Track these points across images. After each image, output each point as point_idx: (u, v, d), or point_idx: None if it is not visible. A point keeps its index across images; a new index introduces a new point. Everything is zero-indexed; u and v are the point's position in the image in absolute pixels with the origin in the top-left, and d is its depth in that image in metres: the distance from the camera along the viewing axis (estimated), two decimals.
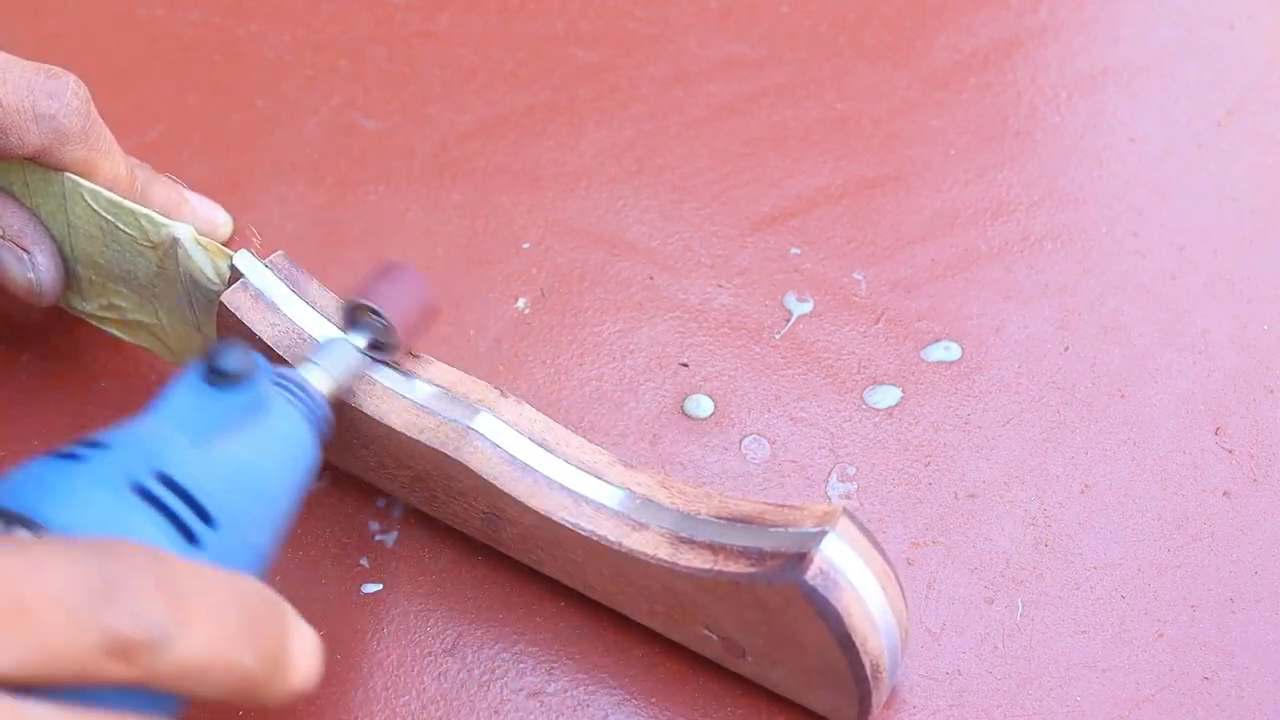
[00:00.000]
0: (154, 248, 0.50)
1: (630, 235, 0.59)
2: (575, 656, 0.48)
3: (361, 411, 0.47)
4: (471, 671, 0.48)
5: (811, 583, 0.42)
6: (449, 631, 0.49)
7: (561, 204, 0.61)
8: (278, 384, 0.44)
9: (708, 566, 0.44)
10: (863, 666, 0.44)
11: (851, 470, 0.52)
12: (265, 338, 0.48)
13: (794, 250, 0.59)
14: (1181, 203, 0.60)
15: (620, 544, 0.45)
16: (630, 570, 0.46)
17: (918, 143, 0.62)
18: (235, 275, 0.48)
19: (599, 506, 0.46)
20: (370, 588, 0.50)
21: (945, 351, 0.55)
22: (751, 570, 0.43)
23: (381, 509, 0.52)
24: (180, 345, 0.52)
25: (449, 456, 0.47)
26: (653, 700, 0.47)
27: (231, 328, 0.48)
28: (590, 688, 0.48)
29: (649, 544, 0.45)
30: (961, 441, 0.53)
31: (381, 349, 0.48)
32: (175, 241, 0.49)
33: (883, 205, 0.60)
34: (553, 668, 0.48)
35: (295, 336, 0.48)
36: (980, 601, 0.49)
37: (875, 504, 0.52)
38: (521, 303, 0.57)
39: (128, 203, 0.50)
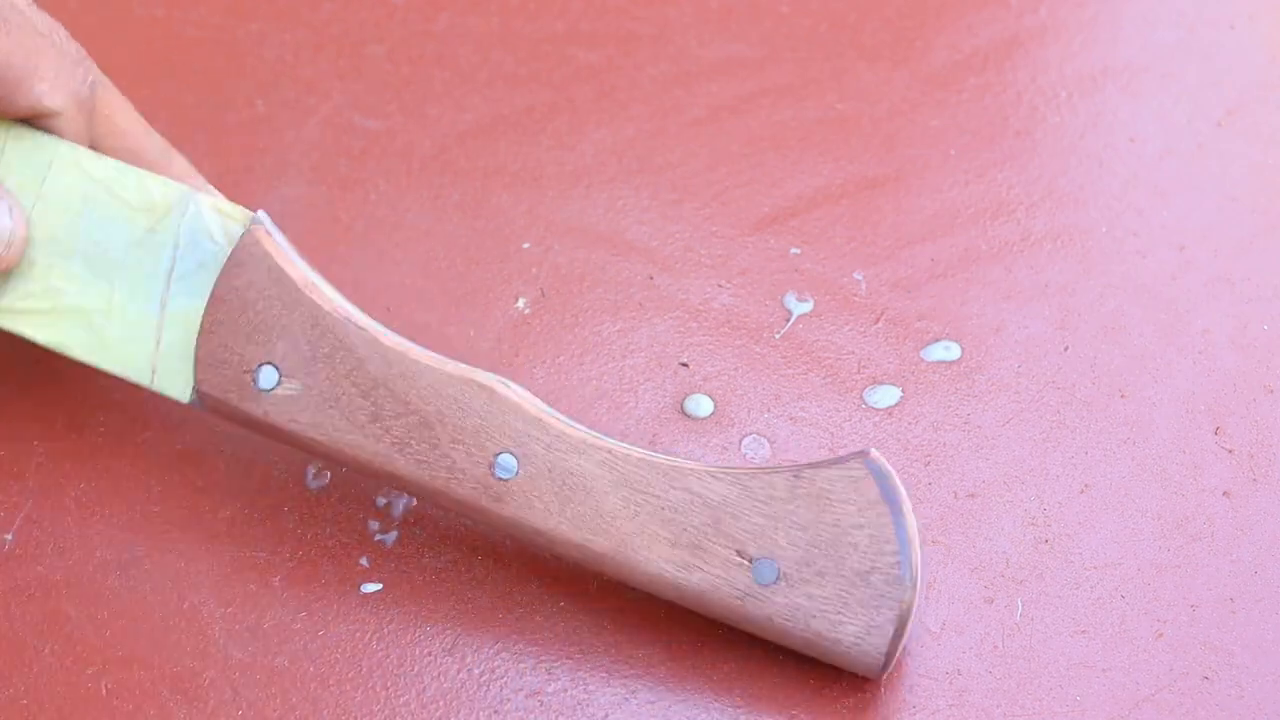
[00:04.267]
0: (149, 211, 0.49)
1: (630, 235, 0.59)
2: (574, 656, 0.48)
3: (380, 344, 0.47)
4: (471, 671, 0.48)
5: (878, 463, 0.45)
6: (449, 631, 0.49)
7: (561, 204, 0.61)
8: None
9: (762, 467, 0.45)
10: (914, 566, 0.45)
11: None
12: (291, 274, 0.48)
13: (794, 250, 0.59)
14: (1181, 203, 0.60)
15: (655, 457, 0.46)
16: (656, 486, 0.46)
17: (918, 143, 0.62)
18: (245, 241, 0.49)
19: (629, 446, 0.47)
20: (370, 588, 0.50)
21: (945, 351, 0.56)
22: (813, 463, 0.46)
23: (381, 509, 0.52)
24: (122, 332, 0.50)
25: (477, 381, 0.47)
26: (652, 700, 0.47)
27: (248, 260, 0.48)
28: (590, 687, 0.48)
29: (688, 464, 0.46)
30: (961, 441, 0.53)
31: None
32: (186, 198, 0.49)
33: (883, 205, 0.60)
34: (552, 668, 0.48)
35: (312, 286, 0.49)
36: (980, 601, 0.49)
37: None
38: (521, 303, 0.57)
39: (133, 168, 0.50)
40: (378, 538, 0.51)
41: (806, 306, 0.57)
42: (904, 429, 0.53)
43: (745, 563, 0.46)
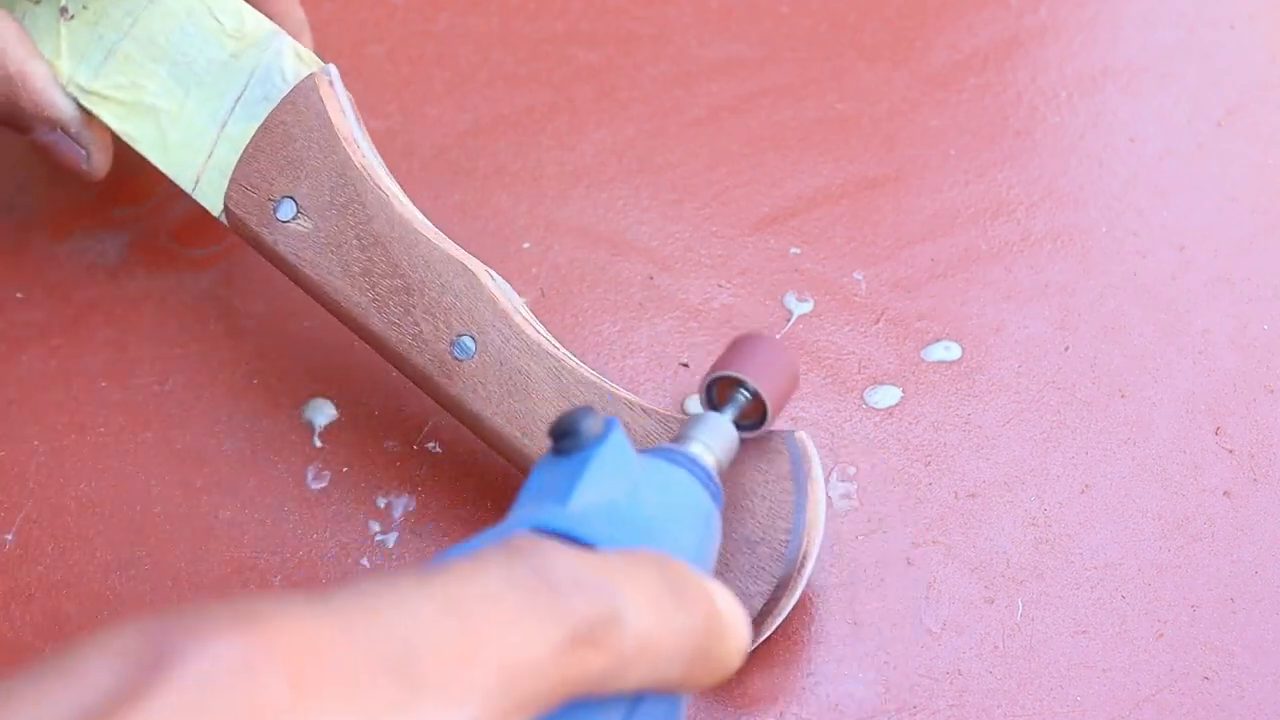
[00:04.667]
0: (239, 38, 0.53)
1: (630, 235, 0.59)
2: None
3: (391, 207, 0.51)
4: None
5: (798, 440, 0.47)
6: None
7: (561, 204, 0.61)
8: (665, 456, 0.42)
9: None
10: (800, 548, 0.46)
11: (852, 470, 0.52)
12: (335, 123, 0.52)
13: (794, 250, 0.59)
14: (1181, 203, 0.60)
15: (603, 381, 0.48)
16: (589, 400, 0.48)
17: (918, 143, 0.62)
18: (304, 84, 0.52)
19: (581, 364, 0.49)
20: None
21: (945, 351, 0.56)
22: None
23: (381, 510, 0.52)
24: (183, 139, 0.54)
25: (465, 265, 0.50)
26: None
27: (301, 101, 0.52)
28: None
29: (630, 397, 0.49)
30: (962, 441, 0.53)
31: (746, 425, 0.46)
32: (274, 36, 0.53)
33: (883, 205, 0.60)
34: None
35: (353, 144, 0.52)
36: (980, 601, 0.49)
37: (876, 504, 0.52)
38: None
39: (240, 1, 0.54)
40: (378, 539, 0.51)
41: (807, 307, 0.57)
42: (904, 429, 0.53)
43: None
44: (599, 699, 0.33)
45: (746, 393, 0.46)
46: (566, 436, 0.39)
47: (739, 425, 0.46)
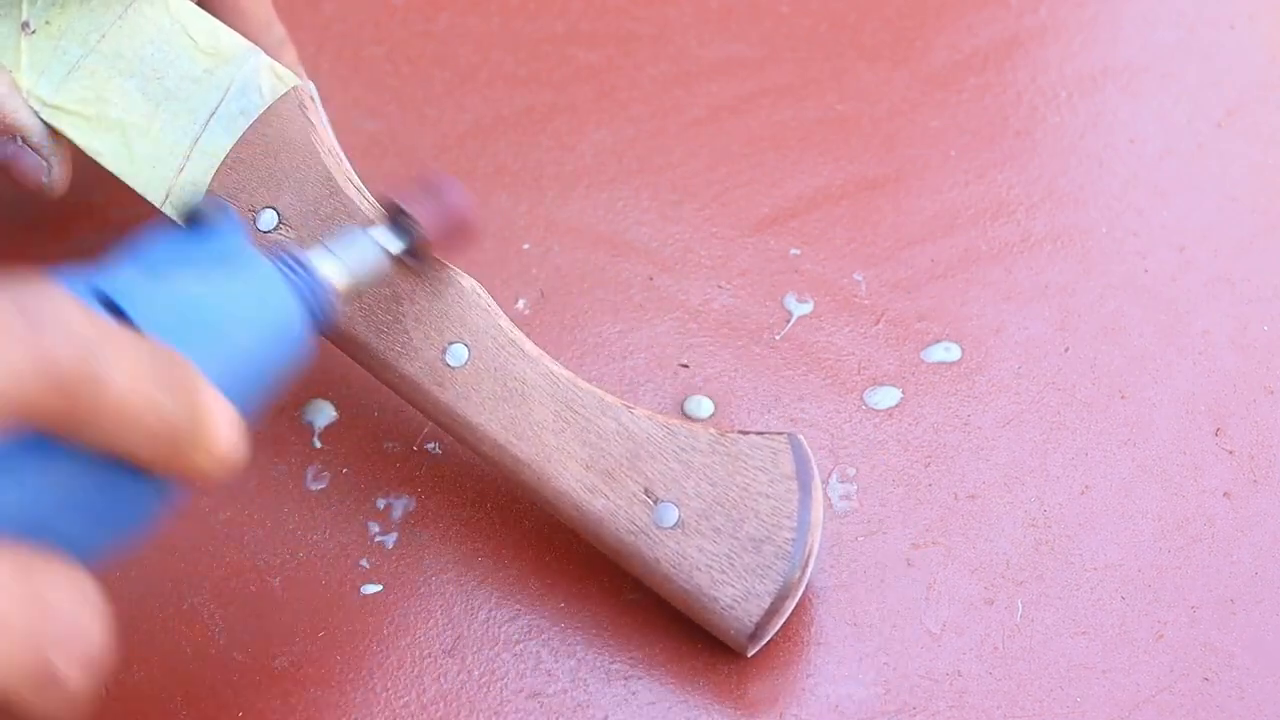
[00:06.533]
0: (213, 54, 0.53)
1: (630, 235, 0.59)
2: (575, 657, 0.48)
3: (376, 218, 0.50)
4: (471, 673, 0.48)
5: (801, 445, 0.47)
6: (449, 632, 0.49)
7: (561, 204, 0.61)
8: (275, 259, 0.43)
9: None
10: (805, 546, 0.46)
11: (852, 471, 0.52)
12: (320, 135, 0.51)
13: (794, 251, 0.59)
14: (1181, 203, 0.60)
15: (597, 390, 0.48)
16: (588, 410, 0.48)
17: (918, 143, 0.62)
18: (288, 97, 0.52)
19: (575, 377, 0.49)
20: (370, 589, 0.50)
21: (945, 352, 0.56)
22: (743, 430, 0.48)
23: (381, 511, 0.52)
24: (152, 153, 0.53)
25: (454, 277, 0.49)
26: (652, 701, 0.47)
27: (284, 113, 0.51)
28: (590, 688, 0.48)
29: (625, 405, 0.48)
30: (962, 442, 0.53)
31: (412, 255, 0.48)
32: (250, 54, 0.52)
33: (883, 205, 0.60)
34: (552, 669, 0.48)
35: (336, 157, 0.51)
36: (980, 602, 0.49)
37: (875, 505, 0.52)
38: (521, 303, 0.57)
39: (212, 17, 0.54)
40: (378, 539, 0.51)
41: (807, 308, 0.57)
42: (904, 430, 0.53)
43: (650, 501, 0.47)
44: (60, 443, 0.36)
45: (414, 224, 0.47)
46: (189, 215, 0.42)
47: (406, 254, 0.47)
